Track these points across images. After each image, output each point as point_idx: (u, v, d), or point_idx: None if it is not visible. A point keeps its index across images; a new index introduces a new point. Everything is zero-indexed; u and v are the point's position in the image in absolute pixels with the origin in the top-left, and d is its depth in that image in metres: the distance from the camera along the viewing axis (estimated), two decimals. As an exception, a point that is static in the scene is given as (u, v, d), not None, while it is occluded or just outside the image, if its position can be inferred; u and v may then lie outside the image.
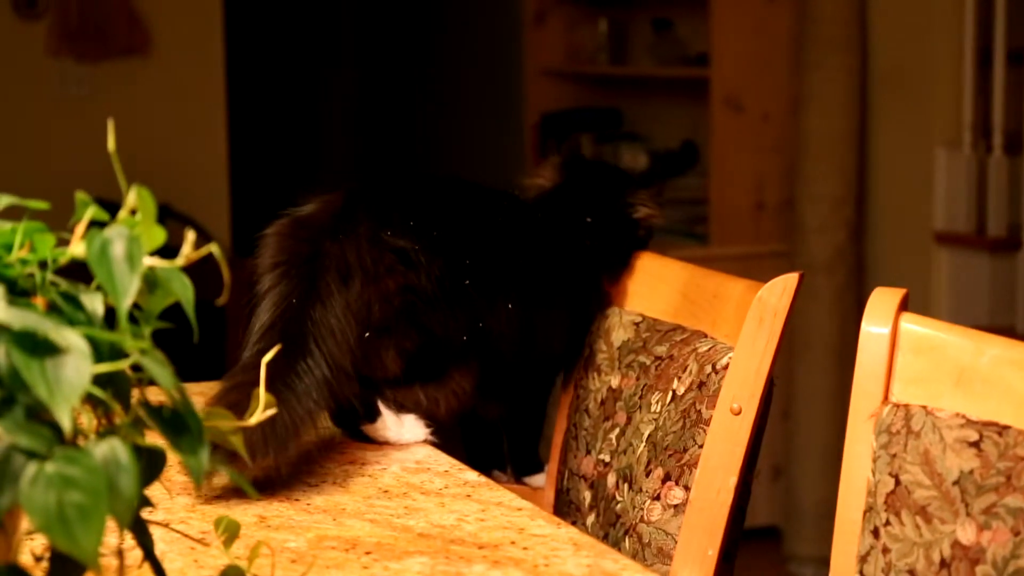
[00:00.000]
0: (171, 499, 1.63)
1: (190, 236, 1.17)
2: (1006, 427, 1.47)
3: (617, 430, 1.97)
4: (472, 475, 1.75)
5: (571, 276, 2.05)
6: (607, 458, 1.98)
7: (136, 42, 5.24)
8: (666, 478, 1.85)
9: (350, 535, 1.53)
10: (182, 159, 5.37)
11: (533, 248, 2.01)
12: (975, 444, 1.47)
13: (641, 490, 1.89)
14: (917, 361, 1.56)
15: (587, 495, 2.01)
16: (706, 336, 1.90)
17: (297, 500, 1.65)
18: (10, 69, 5.05)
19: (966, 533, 1.44)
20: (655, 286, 2.05)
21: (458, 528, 1.56)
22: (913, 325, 1.58)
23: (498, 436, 2.14)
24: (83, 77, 5.21)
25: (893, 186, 4.45)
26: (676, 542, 1.81)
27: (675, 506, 1.83)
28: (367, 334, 1.80)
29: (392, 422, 1.85)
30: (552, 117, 5.36)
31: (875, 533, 1.53)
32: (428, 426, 1.88)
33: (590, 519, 1.99)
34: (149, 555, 1.25)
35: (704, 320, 1.93)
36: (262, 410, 1.31)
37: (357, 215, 1.83)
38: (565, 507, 2.06)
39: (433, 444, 1.88)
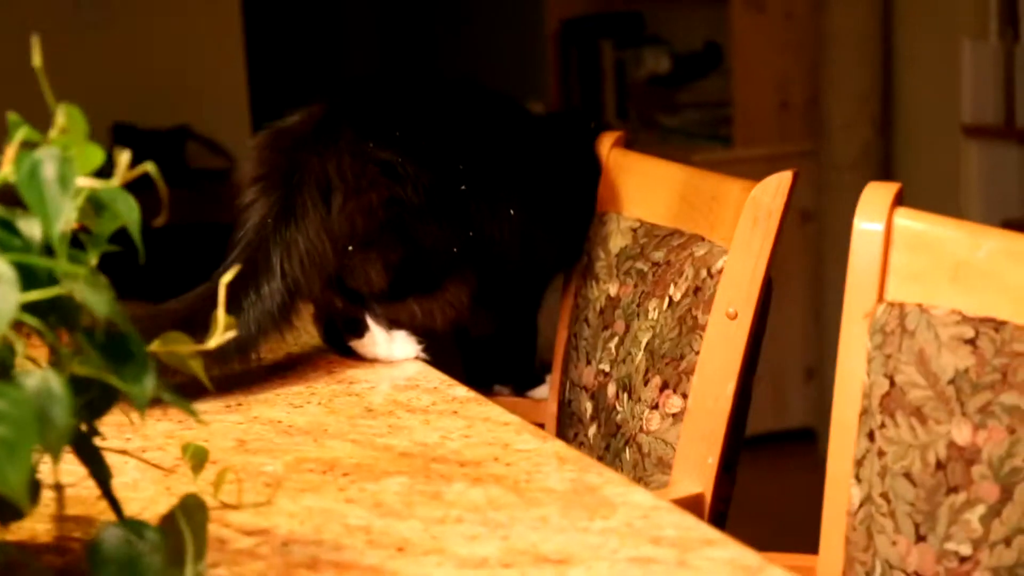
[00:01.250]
0: (149, 426, 1.59)
1: (123, 157, 1.12)
2: (1003, 323, 1.41)
3: (616, 339, 1.92)
4: (461, 391, 1.70)
5: (572, 181, 1.99)
6: (607, 368, 1.93)
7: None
8: (664, 387, 1.80)
9: (330, 456, 1.49)
10: (200, 80, 5.32)
11: (534, 152, 1.95)
12: (970, 341, 1.42)
13: (640, 400, 1.84)
14: (912, 258, 1.50)
15: (588, 406, 1.96)
16: (703, 240, 1.84)
17: (279, 422, 1.61)
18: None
19: (961, 433, 1.39)
20: (653, 190, 1.99)
21: (441, 446, 1.52)
22: (907, 220, 1.52)
23: (496, 351, 2.09)
24: (99, 2, 5.15)
25: (919, 80, 4.36)
26: (675, 451, 1.76)
27: (673, 415, 1.78)
28: (350, 248, 1.75)
29: (382, 338, 1.81)
30: (572, 23, 5.27)
31: (870, 436, 1.47)
32: (420, 342, 1.83)
33: (591, 430, 1.94)
34: (104, 488, 1.21)
35: (702, 223, 1.87)
36: (221, 332, 1.27)
37: (339, 126, 1.77)
38: (568, 419, 2.02)
39: (426, 360, 1.83)
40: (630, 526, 1.29)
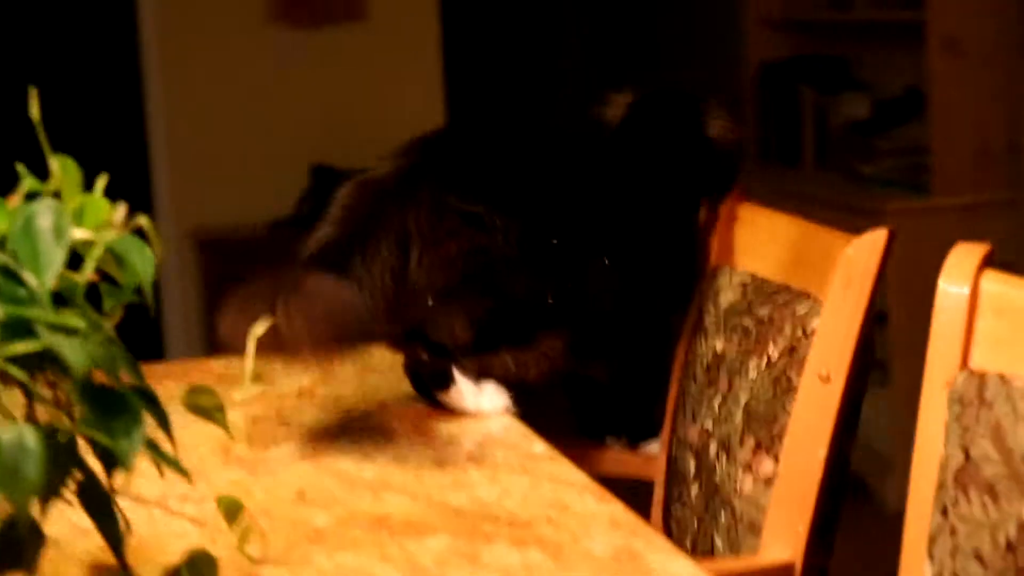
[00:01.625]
0: (215, 474, 1.58)
1: (119, 210, 1.11)
2: (1084, 396, 1.31)
3: (720, 397, 1.85)
4: (540, 447, 1.66)
5: (663, 219, 1.93)
6: (710, 426, 1.86)
7: (352, 7, 5.25)
8: (757, 448, 1.73)
9: (382, 512, 1.46)
10: (399, 121, 5.37)
11: (621, 196, 1.90)
12: (1047, 415, 1.32)
13: (736, 461, 1.77)
14: (998, 323, 1.41)
15: (692, 464, 1.89)
16: (809, 297, 1.76)
17: (347, 472, 1.59)
18: (228, 37, 5.11)
19: (1032, 514, 1.30)
20: (766, 244, 1.92)
21: (498, 504, 1.48)
22: (995, 284, 1.42)
23: (609, 402, 2.04)
24: (300, 43, 5.24)
25: None
26: (766, 516, 1.69)
27: (766, 479, 1.71)
28: (430, 302, 1.72)
29: (469, 391, 1.77)
30: (773, 67, 5.18)
31: (944, 512, 1.38)
32: (511, 394, 1.79)
33: (694, 489, 1.88)
34: (111, 542, 1.20)
35: (813, 280, 1.79)
36: (247, 386, 1.25)
37: (422, 178, 1.75)
38: (673, 476, 1.96)
39: (516, 414, 1.79)
40: (660, 599, 1.23)
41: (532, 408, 1.84)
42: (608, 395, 2.02)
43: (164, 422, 1.19)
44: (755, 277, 1.90)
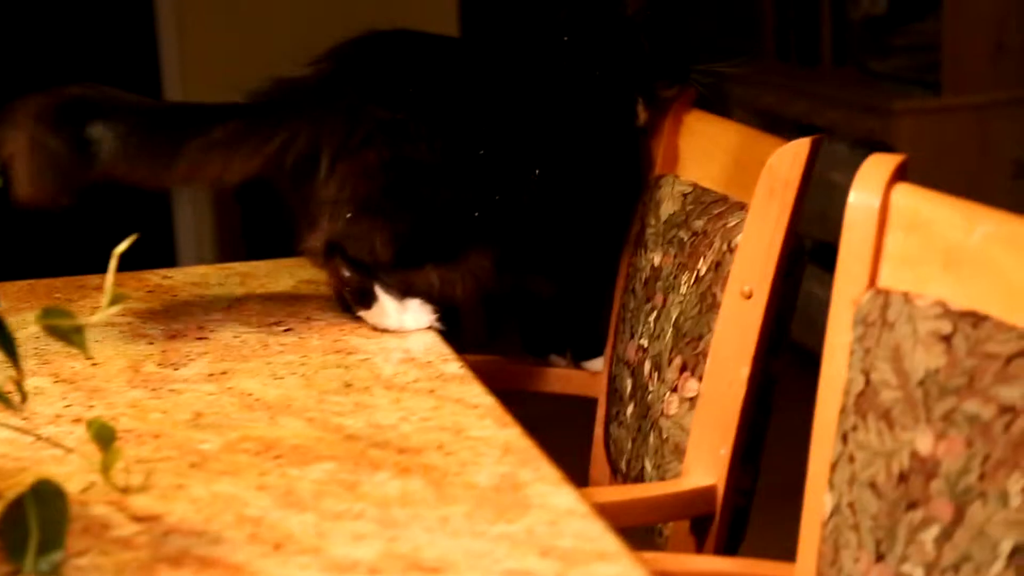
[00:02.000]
0: (116, 393, 1.55)
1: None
2: (984, 318, 1.25)
3: (655, 313, 1.80)
4: (454, 367, 1.61)
5: (596, 123, 1.86)
6: (646, 343, 1.81)
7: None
8: (683, 368, 1.67)
9: (273, 436, 1.42)
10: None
11: (551, 102, 1.82)
12: (946, 338, 1.26)
13: (663, 381, 1.71)
14: (908, 240, 1.35)
15: (629, 383, 1.84)
16: (743, 208, 1.70)
17: (250, 395, 1.55)
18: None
19: (924, 442, 1.24)
20: (710, 152, 1.85)
21: (394, 429, 1.43)
22: (906, 197, 1.36)
23: (553, 319, 1.99)
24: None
25: None
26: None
27: (690, 399, 1.66)
28: (348, 214, 1.67)
29: (392, 308, 1.72)
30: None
31: (844, 438, 1.33)
32: (435, 311, 1.74)
33: (630, 408, 1.83)
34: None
35: (749, 191, 1.73)
36: (106, 306, 1.21)
37: (340, 83, 1.69)
38: (612, 395, 1.91)
39: (441, 331, 1.74)
40: (530, 532, 1.19)
41: (475, 321, 1.80)
42: (550, 311, 1.97)
43: (8, 345, 1.15)
44: (696, 187, 1.84)
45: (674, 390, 1.68)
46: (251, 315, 1.82)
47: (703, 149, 1.86)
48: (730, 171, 1.79)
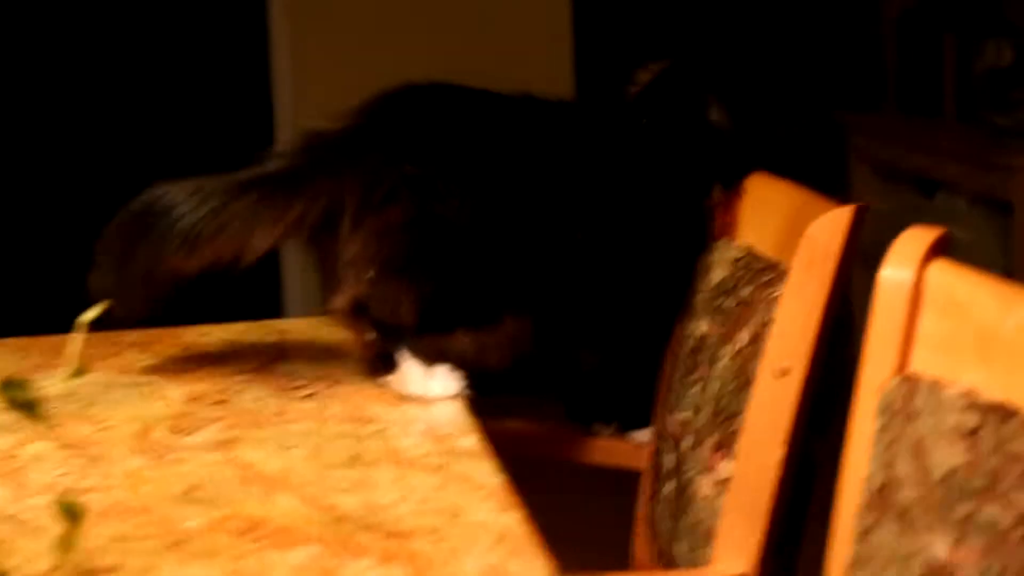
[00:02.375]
0: (117, 462, 1.48)
1: None
2: (1014, 412, 1.13)
3: (699, 385, 1.70)
4: (471, 440, 1.52)
5: (658, 203, 1.77)
6: (689, 416, 1.70)
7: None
8: (718, 447, 1.57)
9: (261, 514, 1.35)
10: (526, 61, 5.22)
11: (610, 173, 1.74)
12: (972, 433, 1.14)
13: (700, 459, 1.61)
14: (942, 322, 1.23)
15: (671, 458, 1.74)
16: (790, 277, 1.59)
17: (252, 465, 1.47)
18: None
19: (942, 548, 1.12)
20: (765, 215, 1.74)
21: (390, 509, 1.35)
22: (944, 276, 1.24)
23: (598, 388, 1.89)
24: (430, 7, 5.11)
25: None
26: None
27: (724, 481, 1.55)
28: (371, 275, 1.59)
29: (417, 374, 1.64)
30: (912, 12, 4.90)
31: (861, 537, 1.22)
32: (466, 378, 1.66)
33: (670, 486, 1.72)
34: None
35: (800, 257, 1.62)
36: (66, 378, 1.15)
37: (369, 137, 1.61)
38: (656, 470, 1.80)
39: (471, 398, 1.66)
40: (502, 634, 1.10)
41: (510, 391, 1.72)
42: (595, 380, 1.87)
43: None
44: (750, 252, 1.73)
45: (709, 470, 1.58)
46: (277, 377, 1.76)
47: (758, 212, 1.75)
48: (784, 236, 1.68)
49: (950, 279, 1.23)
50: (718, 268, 1.75)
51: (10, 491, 1.41)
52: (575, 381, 1.90)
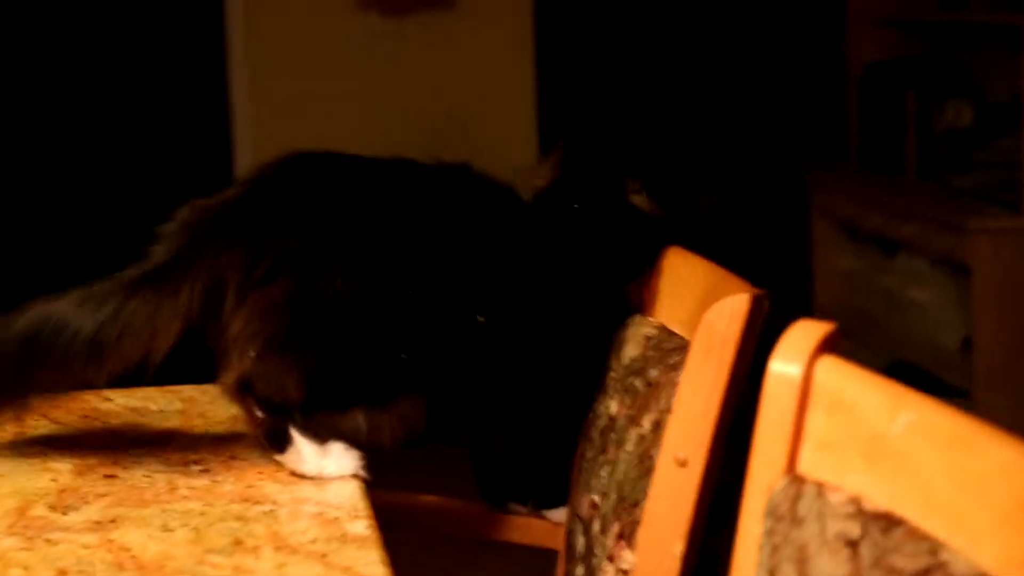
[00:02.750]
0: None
1: None
2: (898, 522, 1.08)
3: (607, 467, 1.64)
4: (361, 526, 1.47)
5: (567, 281, 1.72)
6: (598, 499, 1.65)
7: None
8: (620, 535, 1.52)
9: (127, 605, 1.29)
10: (488, 119, 5.19)
11: (518, 250, 1.69)
12: (854, 544, 1.09)
13: (604, 546, 1.56)
14: (830, 421, 1.18)
15: (582, 541, 1.69)
16: (699, 359, 1.54)
17: (128, 550, 1.41)
18: (317, 24, 4.98)
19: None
20: (680, 291, 1.70)
21: (261, 602, 1.29)
22: (831, 374, 1.19)
23: (510, 467, 1.84)
24: (389, 32, 5.09)
25: None
26: (620, 617, 1.48)
27: (625, 571, 1.49)
28: (253, 352, 1.54)
29: (309, 452, 1.58)
30: (876, 68, 4.88)
31: (743, 652, 1.16)
32: (362, 458, 1.60)
33: (579, 570, 1.67)
34: None
35: (714, 337, 1.57)
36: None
37: (250, 209, 1.56)
38: (568, 552, 1.75)
39: (365, 480, 1.60)
40: None
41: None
42: (507, 461, 1.82)
43: None
44: (662, 329, 1.68)
45: (612, 559, 1.53)
46: (173, 451, 1.70)
47: (673, 288, 1.71)
48: (696, 315, 1.63)
49: (839, 377, 1.18)
50: (631, 345, 1.70)
51: None
52: (486, 461, 1.84)
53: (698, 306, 1.63)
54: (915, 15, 4.80)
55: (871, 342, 4.62)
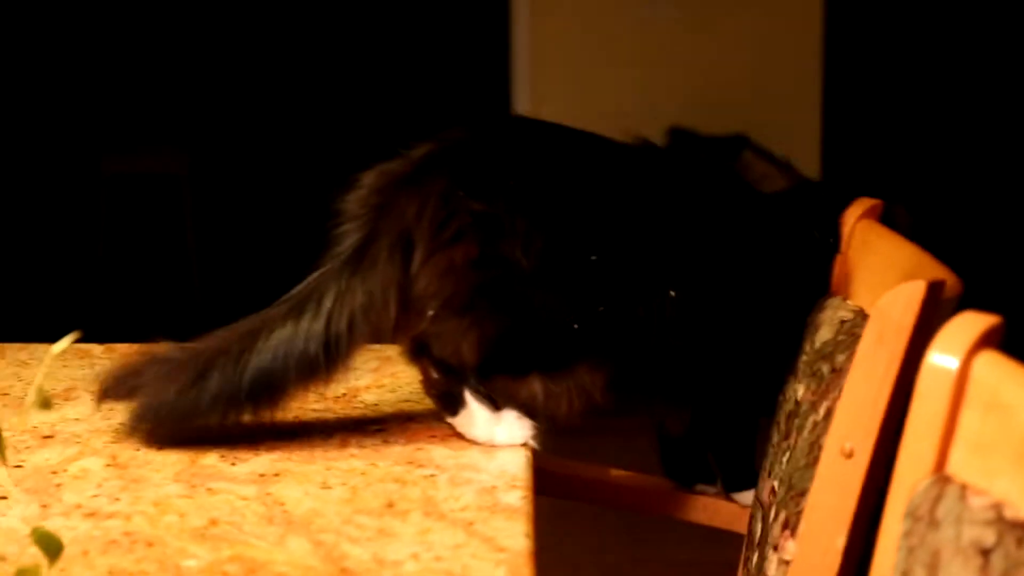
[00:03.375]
0: (144, 488, 1.45)
1: None
2: (1035, 534, 1.00)
3: (788, 453, 1.58)
4: (515, 496, 1.44)
5: (764, 260, 1.65)
6: (777, 486, 1.59)
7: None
8: (785, 524, 1.45)
9: (265, 559, 1.29)
10: (771, 88, 5.09)
11: (718, 228, 1.63)
12: (987, 552, 1.01)
13: (772, 534, 1.49)
14: (985, 421, 1.10)
15: (759, 527, 1.62)
16: (889, 345, 1.46)
17: (282, 504, 1.42)
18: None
19: None
20: (882, 274, 1.61)
21: (396, 567, 1.28)
22: (992, 370, 1.11)
23: (696, 447, 1.78)
24: (674, 1, 5.05)
25: None
26: (780, 610, 1.41)
27: (787, 562, 1.43)
28: (430, 312, 1.52)
29: (482, 418, 1.56)
30: None
31: (873, 657, 1.09)
32: (535, 427, 1.57)
33: (754, 557, 1.61)
34: None
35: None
36: (30, 408, 1.11)
37: (438, 167, 1.54)
38: (748, 537, 1.69)
39: (536, 450, 1.57)
40: None
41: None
42: (689, 443, 1.77)
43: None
44: (859, 313, 1.60)
45: (777, 548, 1.46)
46: (355, 408, 1.70)
47: (876, 271, 1.62)
48: (894, 299, 1.55)
49: (998, 374, 1.10)
50: (825, 328, 1.63)
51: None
52: (671, 439, 1.79)
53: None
54: None
55: None
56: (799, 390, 1.60)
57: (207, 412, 1.50)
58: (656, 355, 1.59)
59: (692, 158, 1.68)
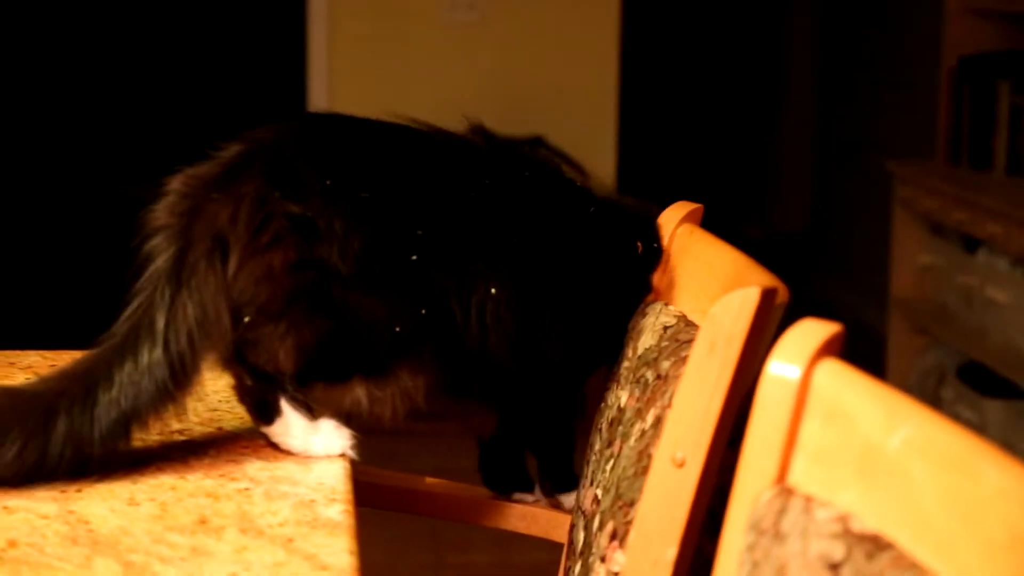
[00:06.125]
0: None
1: None
2: (886, 546, 0.98)
3: (612, 461, 1.54)
4: (336, 510, 1.38)
5: (582, 261, 1.62)
6: (600, 494, 1.55)
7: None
8: (613, 535, 1.42)
9: (70, 582, 1.21)
10: (568, 89, 5.09)
11: (535, 225, 1.59)
12: (836, 567, 0.99)
13: (599, 545, 1.46)
14: (826, 431, 1.08)
15: (581, 536, 1.59)
16: (714, 352, 1.43)
17: (87, 523, 1.34)
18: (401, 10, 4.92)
19: None
20: (704, 280, 1.59)
21: (212, 588, 1.21)
22: (832, 379, 1.08)
23: (511, 454, 1.74)
24: (473, 2, 5.01)
25: None
26: (608, 624, 1.38)
27: (616, 573, 1.40)
28: (246, 319, 1.45)
29: (298, 428, 1.50)
30: (970, 61, 4.70)
31: (715, 676, 1.06)
32: (353, 436, 1.51)
33: (577, 567, 1.57)
34: None
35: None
36: None
37: (251, 168, 1.47)
38: (570, 546, 1.65)
39: (354, 460, 1.51)
40: None
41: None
42: (507, 444, 1.72)
43: None
44: (681, 319, 1.57)
45: (603, 560, 1.43)
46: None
47: (698, 276, 1.60)
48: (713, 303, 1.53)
49: (839, 383, 1.07)
50: (648, 334, 1.60)
51: None
52: (486, 450, 1.74)
53: (721, 295, 1.52)
54: (1015, 7, 4.62)
55: (945, 340, 4.48)
56: (622, 396, 1.57)
57: (55, 466, 1.40)
58: (475, 355, 1.54)
59: (512, 153, 1.64)
